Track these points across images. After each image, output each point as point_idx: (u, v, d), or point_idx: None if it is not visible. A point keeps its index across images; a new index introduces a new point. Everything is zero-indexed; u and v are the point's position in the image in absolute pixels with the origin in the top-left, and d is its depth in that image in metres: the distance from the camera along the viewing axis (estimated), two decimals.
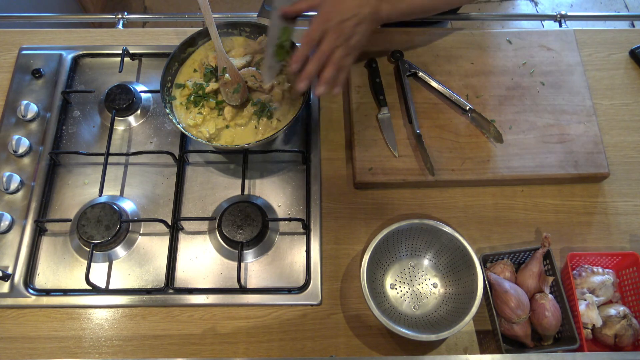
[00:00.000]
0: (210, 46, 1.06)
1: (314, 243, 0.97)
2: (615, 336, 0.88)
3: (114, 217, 0.96)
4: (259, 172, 1.04)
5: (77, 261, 0.97)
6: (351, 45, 0.86)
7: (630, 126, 1.09)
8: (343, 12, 0.85)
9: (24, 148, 1.04)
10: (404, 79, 1.08)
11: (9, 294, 0.93)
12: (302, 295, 0.93)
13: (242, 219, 0.95)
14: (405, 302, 0.93)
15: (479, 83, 1.10)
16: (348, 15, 0.85)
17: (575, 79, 1.10)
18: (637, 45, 1.16)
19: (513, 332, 0.88)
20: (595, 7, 2.67)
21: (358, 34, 0.86)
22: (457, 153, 1.02)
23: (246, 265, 0.96)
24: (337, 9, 0.85)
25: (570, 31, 1.16)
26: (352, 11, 0.85)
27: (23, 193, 1.02)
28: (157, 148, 1.06)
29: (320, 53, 0.85)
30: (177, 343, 0.91)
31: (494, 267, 0.93)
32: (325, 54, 0.85)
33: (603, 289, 0.91)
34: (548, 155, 1.02)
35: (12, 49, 1.17)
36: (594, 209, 1.01)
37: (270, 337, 0.91)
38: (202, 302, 0.93)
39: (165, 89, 1.01)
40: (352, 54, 0.88)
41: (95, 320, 0.93)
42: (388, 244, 0.93)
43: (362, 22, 0.86)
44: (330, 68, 0.86)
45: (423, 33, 1.15)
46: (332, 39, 0.85)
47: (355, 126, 1.05)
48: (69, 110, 1.11)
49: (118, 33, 1.21)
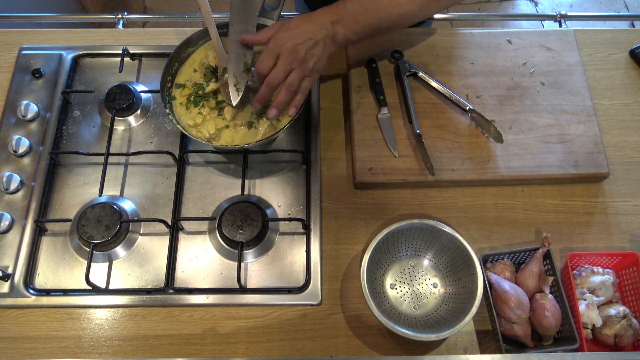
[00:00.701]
0: (210, 46, 1.06)
1: (314, 243, 0.97)
2: (615, 336, 0.88)
3: (114, 217, 0.96)
4: (259, 172, 1.04)
5: (77, 261, 0.97)
6: (308, 68, 0.87)
7: (630, 126, 1.09)
8: (297, 36, 0.86)
9: (24, 148, 1.04)
10: (404, 79, 1.08)
11: (9, 294, 0.93)
12: (302, 295, 0.93)
13: (242, 219, 0.95)
14: (405, 302, 0.93)
15: (479, 83, 1.10)
16: (301, 39, 0.86)
17: (575, 79, 1.10)
18: (637, 45, 1.16)
19: (513, 332, 0.88)
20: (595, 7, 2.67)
21: (314, 56, 0.87)
22: (457, 153, 1.02)
23: (246, 265, 0.96)
24: (291, 33, 0.86)
25: (570, 31, 1.16)
26: (306, 35, 0.86)
27: (23, 193, 1.02)
28: (157, 148, 1.06)
29: (272, 76, 0.86)
30: (177, 343, 0.91)
31: (494, 267, 0.93)
32: (278, 78, 0.86)
33: (603, 289, 0.91)
34: (548, 155, 1.02)
35: (12, 49, 1.17)
36: (594, 209, 1.01)
37: (270, 337, 0.91)
38: (202, 302, 0.93)
39: (165, 89, 1.01)
40: (310, 77, 0.89)
41: (95, 320, 0.93)
42: (388, 244, 0.93)
43: (317, 45, 0.87)
44: (285, 91, 0.87)
45: (423, 33, 1.15)
46: (286, 63, 0.85)
47: (355, 126, 1.05)
48: (69, 110, 1.11)
49: (118, 33, 1.21)
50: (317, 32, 0.87)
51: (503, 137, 1.01)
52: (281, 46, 0.86)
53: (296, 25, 0.87)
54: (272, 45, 0.87)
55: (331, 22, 0.88)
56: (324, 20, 0.88)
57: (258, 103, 0.92)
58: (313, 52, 0.87)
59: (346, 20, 0.88)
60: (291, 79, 0.87)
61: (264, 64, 0.86)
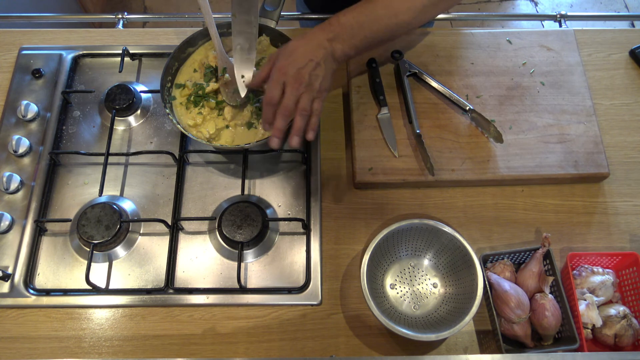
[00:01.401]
0: (210, 46, 1.06)
1: (314, 243, 0.97)
2: (615, 336, 0.88)
3: (114, 217, 0.96)
4: (259, 172, 1.04)
5: (77, 261, 0.97)
6: (315, 90, 0.87)
7: (630, 126, 1.09)
8: (297, 61, 0.85)
9: (24, 148, 1.04)
10: (404, 79, 1.08)
11: (9, 294, 0.93)
12: (302, 295, 0.93)
13: (242, 219, 0.95)
14: (405, 302, 0.93)
15: (479, 83, 1.10)
16: (303, 63, 0.85)
17: (575, 79, 1.10)
18: (637, 45, 1.16)
19: (513, 332, 0.88)
20: (595, 7, 2.67)
21: (319, 77, 0.86)
22: (457, 153, 1.02)
23: (246, 265, 0.96)
24: (291, 60, 0.86)
25: (570, 31, 1.16)
26: (306, 58, 0.85)
27: (23, 193, 1.02)
28: (157, 148, 1.06)
29: (285, 106, 0.85)
30: (177, 343, 0.91)
31: (494, 267, 0.93)
32: (291, 106, 0.85)
33: (603, 289, 0.91)
34: (548, 155, 1.02)
35: (12, 49, 1.17)
36: (594, 209, 1.01)
37: (270, 337, 0.91)
38: (202, 302, 0.93)
39: (165, 89, 1.01)
40: (319, 98, 0.88)
41: (95, 320, 0.93)
42: (388, 244, 0.93)
43: (319, 66, 0.86)
44: (300, 117, 0.86)
45: (423, 33, 1.15)
46: (294, 89, 0.85)
47: (355, 126, 1.05)
48: (69, 110, 1.11)
49: (118, 33, 1.21)
50: (316, 52, 0.86)
51: (503, 137, 1.01)
52: (285, 74, 0.85)
53: (294, 49, 0.87)
54: (276, 75, 0.86)
55: (328, 39, 0.87)
56: (321, 39, 0.87)
57: (276, 139, 0.87)
58: (317, 73, 0.86)
59: (343, 37, 0.88)
60: (302, 104, 0.86)
61: (272, 94, 0.86)
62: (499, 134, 1.01)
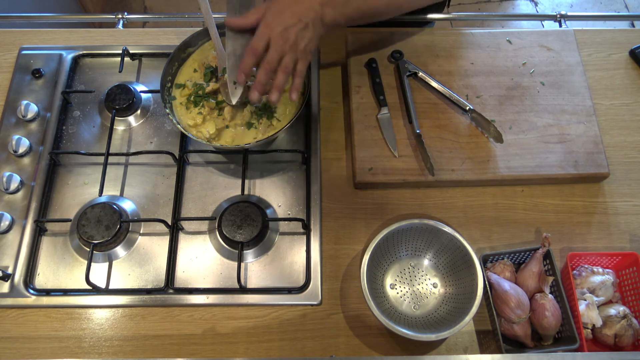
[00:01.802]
0: (210, 46, 1.06)
1: (314, 243, 0.97)
2: (615, 336, 0.88)
3: (114, 217, 0.96)
4: (259, 172, 1.04)
5: (77, 261, 0.97)
6: (300, 50, 0.87)
7: (630, 126, 1.09)
8: (286, 20, 0.85)
9: (24, 148, 1.04)
10: (404, 79, 1.08)
11: (9, 294, 0.93)
12: (302, 295, 0.93)
13: (242, 219, 0.95)
14: (405, 302, 0.93)
15: (479, 83, 1.10)
16: (291, 22, 0.85)
17: (575, 79, 1.10)
18: (637, 45, 1.16)
19: (513, 332, 0.88)
20: (595, 7, 2.67)
21: (305, 38, 0.87)
22: (457, 153, 1.02)
23: (246, 265, 0.96)
24: (280, 17, 0.86)
25: (570, 31, 1.16)
26: (295, 18, 0.85)
27: (23, 193, 1.02)
28: (157, 148, 1.06)
29: (268, 61, 0.86)
30: (177, 343, 0.91)
31: (494, 267, 0.93)
32: (273, 62, 0.86)
33: (603, 289, 0.91)
34: (548, 155, 1.02)
35: (12, 49, 1.17)
36: (594, 209, 1.01)
37: (270, 337, 0.91)
38: (202, 302, 0.93)
39: (165, 89, 1.01)
40: (304, 59, 0.88)
41: (95, 320, 0.93)
42: (388, 244, 0.93)
43: (307, 27, 0.86)
44: (281, 74, 0.87)
45: (423, 33, 1.15)
46: (278, 46, 0.85)
47: (355, 126, 1.05)
48: (69, 110, 1.11)
49: (118, 33, 1.21)
50: (306, 13, 0.86)
51: (503, 137, 1.01)
52: (272, 30, 0.85)
53: (284, 6, 0.86)
54: (262, 29, 0.86)
55: (320, 3, 0.87)
56: (313, 1, 0.87)
57: (257, 91, 0.89)
58: (303, 34, 0.86)
59: (335, 3, 0.88)
60: (285, 62, 0.86)
61: (256, 45, 0.86)
62: (499, 134, 1.01)
